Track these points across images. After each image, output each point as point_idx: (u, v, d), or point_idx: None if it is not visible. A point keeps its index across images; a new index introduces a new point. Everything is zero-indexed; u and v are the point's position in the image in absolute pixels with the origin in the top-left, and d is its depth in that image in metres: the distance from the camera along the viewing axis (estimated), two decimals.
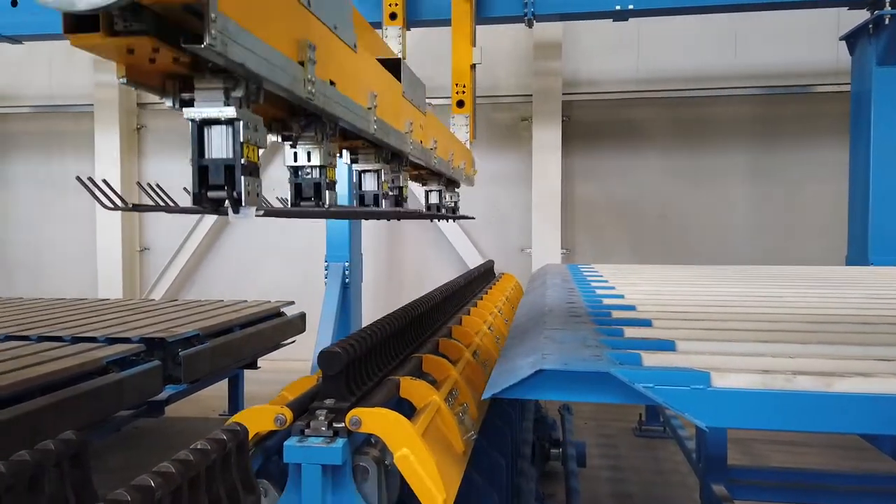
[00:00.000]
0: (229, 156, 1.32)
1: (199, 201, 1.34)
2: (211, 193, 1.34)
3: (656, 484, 4.65)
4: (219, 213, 1.38)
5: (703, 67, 8.19)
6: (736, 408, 1.42)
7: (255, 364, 4.86)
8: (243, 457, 1.20)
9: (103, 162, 8.98)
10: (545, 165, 8.17)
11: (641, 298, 2.91)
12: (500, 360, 2.08)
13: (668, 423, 5.03)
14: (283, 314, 5.06)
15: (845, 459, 4.91)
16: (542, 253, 8.02)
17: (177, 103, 1.38)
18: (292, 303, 5.28)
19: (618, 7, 6.06)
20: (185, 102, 1.37)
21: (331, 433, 1.62)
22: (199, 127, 1.33)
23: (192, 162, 1.34)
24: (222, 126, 1.33)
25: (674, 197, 8.39)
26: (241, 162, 1.32)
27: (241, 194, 1.32)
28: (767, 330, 2.12)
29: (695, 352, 1.75)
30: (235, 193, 1.32)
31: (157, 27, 1.18)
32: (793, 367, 1.53)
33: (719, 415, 1.43)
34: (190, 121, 1.33)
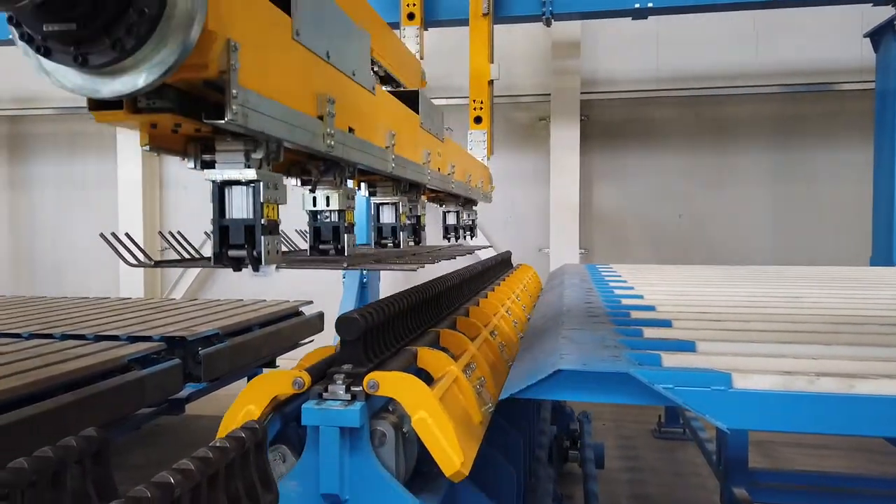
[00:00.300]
0: (249, 216, 1.35)
1: (219, 260, 1.37)
2: (232, 252, 1.37)
3: (676, 486, 4.61)
4: (239, 270, 1.41)
5: (724, 65, 8.10)
6: (757, 409, 1.40)
7: (273, 363, 4.89)
8: (262, 455, 1.20)
9: (126, 162, 9.09)
10: (563, 165, 8.13)
11: (661, 298, 2.89)
12: (518, 359, 2.08)
13: (688, 424, 4.99)
14: (301, 314, 5.09)
15: (871, 463, 4.83)
16: (560, 253, 7.98)
17: (198, 165, 1.41)
18: (310, 302, 5.31)
19: (637, 5, 6.01)
20: (206, 164, 1.40)
21: (349, 396, 1.63)
22: (220, 187, 1.36)
23: (212, 222, 1.37)
24: (243, 186, 1.36)
25: (693, 197, 8.31)
26: (262, 222, 1.35)
27: (262, 253, 1.36)
28: (789, 331, 2.09)
29: (715, 352, 1.73)
30: (255, 252, 1.35)
31: (180, 103, 1.21)
32: (815, 368, 1.51)
33: (741, 416, 1.41)
34: (211, 182, 1.36)
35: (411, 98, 2.57)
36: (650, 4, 5.99)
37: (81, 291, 7.68)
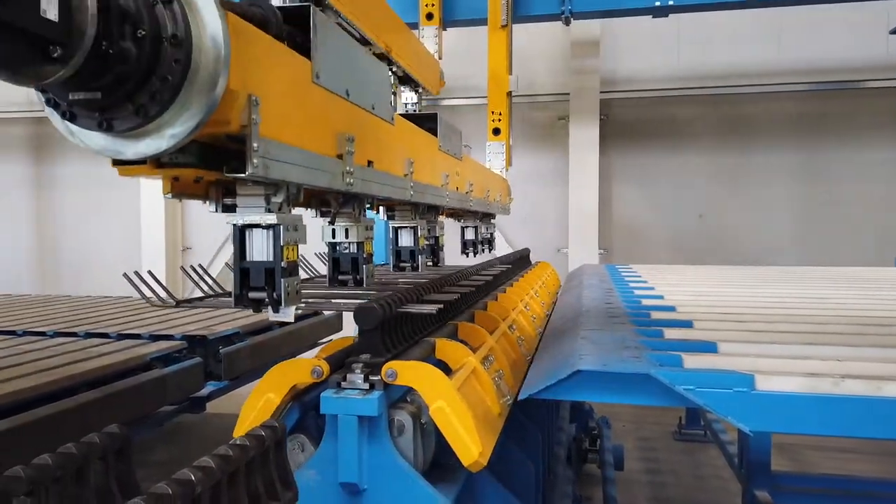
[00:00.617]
0: (270, 259, 1.37)
1: (240, 301, 1.40)
2: (252, 294, 1.39)
3: (696, 489, 4.56)
4: (259, 312, 1.43)
5: (745, 63, 8.00)
6: (781, 412, 1.38)
7: None
8: (281, 453, 1.21)
9: None
10: (582, 165, 8.09)
11: (682, 299, 2.86)
12: (537, 359, 2.07)
13: (709, 426, 4.93)
14: (320, 313, 5.11)
15: None
16: (579, 253, 7.94)
17: (219, 208, 1.45)
18: None
19: (657, 3, 5.96)
20: (227, 207, 1.43)
21: (367, 386, 1.64)
22: (241, 230, 1.38)
23: (233, 264, 1.39)
24: (263, 229, 1.38)
25: (714, 196, 8.22)
26: (282, 265, 1.37)
27: (281, 296, 1.38)
28: (813, 332, 2.06)
29: (738, 354, 1.71)
30: (275, 295, 1.38)
31: (202, 156, 1.24)
32: (841, 370, 1.48)
33: (764, 419, 1.39)
34: (232, 225, 1.38)
35: (431, 120, 2.62)
36: (671, 2, 5.94)
37: (104, 290, 7.79)
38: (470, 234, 3.94)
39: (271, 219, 1.36)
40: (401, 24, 3.05)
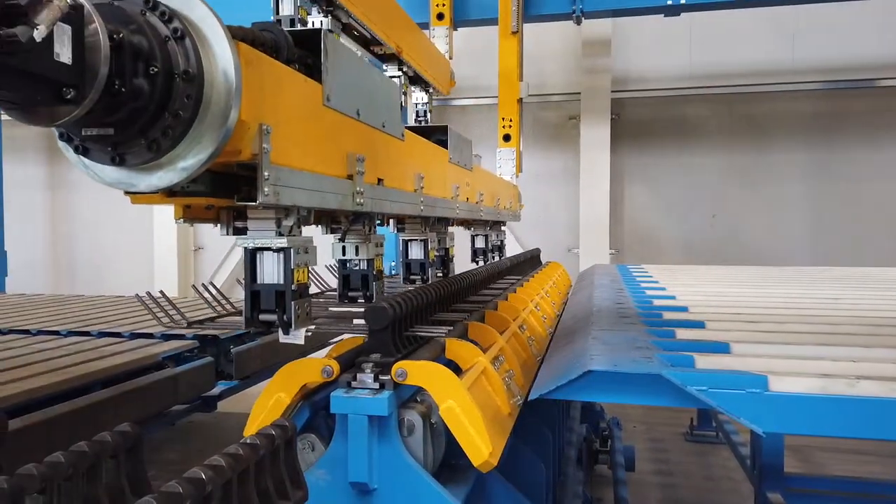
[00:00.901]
0: (280, 282, 1.39)
1: (251, 323, 1.41)
2: (263, 316, 1.41)
3: (708, 490, 4.53)
4: (269, 333, 1.44)
5: (759, 62, 7.94)
6: (795, 413, 1.36)
7: None
8: (292, 452, 1.21)
9: None
10: (593, 164, 8.06)
11: (694, 299, 2.84)
12: (548, 360, 2.06)
13: (720, 427, 4.89)
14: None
15: None
16: (590, 253, 7.91)
17: (230, 231, 1.46)
18: None
19: (669, 2, 5.93)
20: (238, 230, 1.44)
21: (377, 385, 1.64)
22: (252, 253, 1.39)
23: (244, 287, 1.40)
24: (274, 253, 1.39)
25: (727, 196, 8.17)
26: (292, 287, 1.38)
27: (292, 318, 1.39)
28: (828, 332, 2.04)
29: (751, 354, 1.70)
30: (286, 317, 1.39)
31: (213, 185, 1.25)
32: (855, 371, 1.47)
33: (777, 420, 1.38)
34: (243, 248, 1.39)
35: (441, 133, 2.62)
36: (683, 1, 5.91)
37: (117, 290, 7.85)
38: (480, 243, 3.96)
39: (282, 242, 1.37)
40: (411, 23, 3.05)
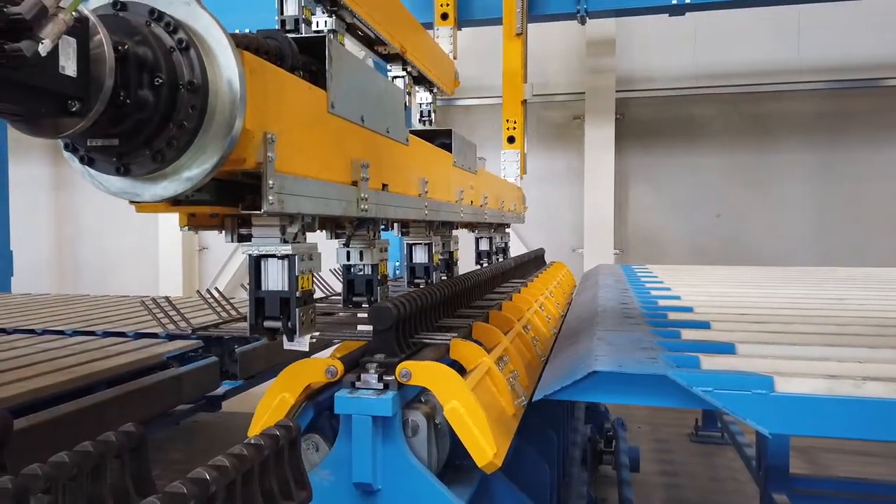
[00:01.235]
0: (285, 288, 1.39)
1: (255, 330, 1.41)
2: (267, 323, 1.41)
3: (713, 491, 4.52)
4: (274, 340, 1.44)
5: (764, 61, 7.92)
6: (801, 414, 1.36)
7: None
8: (296, 453, 1.21)
9: None
10: (598, 164, 8.05)
11: (699, 300, 2.83)
12: (552, 360, 2.05)
13: (726, 428, 4.88)
14: (335, 314, 5.12)
15: None
16: (595, 253, 7.90)
17: (234, 238, 1.46)
18: None
19: (674, 1, 5.92)
20: (242, 237, 1.45)
21: (381, 386, 1.63)
22: (256, 260, 1.40)
23: (249, 293, 1.40)
24: (278, 260, 1.39)
25: (732, 196, 8.15)
26: (297, 294, 1.38)
27: (296, 325, 1.39)
28: (834, 333, 2.03)
29: (757, 355, 1.69)
30: (290, 324, 1.39)
31: (217, 193, 1.25)
32: (862, 372, 1.46)
33: (783, 421, 1.37)
34: (247, 255, 1.40)
35: (445, 136, 2.62)
36: (687, 0, 5.89)
37: (122, 290, 7.87)
38: (484, 245, 3.97)
39: (286, 249, 1.37)
40: (416, 23, 3.05)
